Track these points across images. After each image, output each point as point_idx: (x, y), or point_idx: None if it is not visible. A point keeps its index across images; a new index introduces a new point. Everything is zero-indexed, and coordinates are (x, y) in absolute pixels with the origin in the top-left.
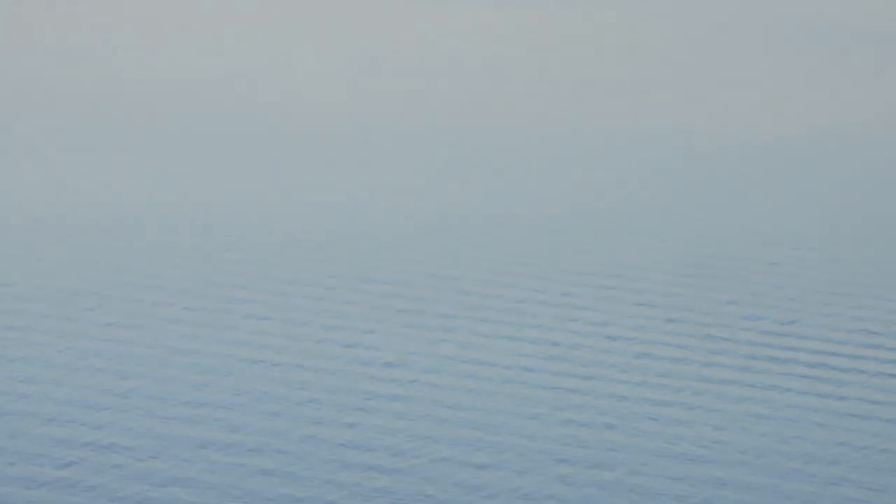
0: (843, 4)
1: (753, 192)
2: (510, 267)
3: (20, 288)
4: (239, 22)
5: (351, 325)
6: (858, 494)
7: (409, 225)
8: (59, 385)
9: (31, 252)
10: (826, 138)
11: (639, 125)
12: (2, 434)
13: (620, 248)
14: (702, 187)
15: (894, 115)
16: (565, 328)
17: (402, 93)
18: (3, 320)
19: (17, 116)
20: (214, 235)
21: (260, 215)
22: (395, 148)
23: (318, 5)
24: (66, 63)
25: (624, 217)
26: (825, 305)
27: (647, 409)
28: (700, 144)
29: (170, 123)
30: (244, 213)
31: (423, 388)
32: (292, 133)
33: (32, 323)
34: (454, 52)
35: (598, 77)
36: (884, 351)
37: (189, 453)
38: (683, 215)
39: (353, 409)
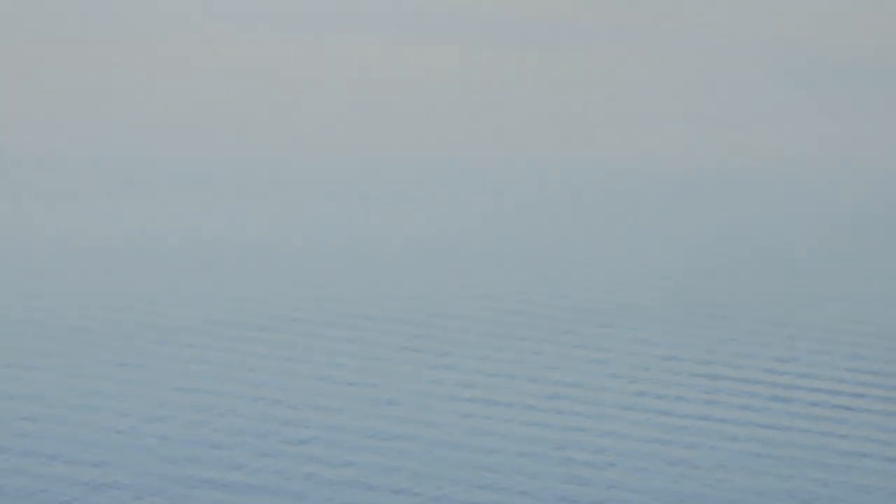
0: (820, 37)
1: (753, 223)
2: (511, 304)
3: (20, 325)
4: (231, 60)
5: (351, 363)
6: None
7: (408, 262)
8: (59, 423)
9: (30, 289)
10: (821, 170)
11: (634, 157)
12: (2, 472)
13: (621, 286)
14: (703, 220)
15: (881, 147)
16: (566, 366)
17: (398, 129)
18: (2, 357)
19: (18, 150)
20: (214, 273)
21: (259, 252)
22: (395, 183)
23: (315, 40)
24: (70, 96)
25: (624, 253)
26: (826, 343)
27: (647, 447)
28: (698, 177)
29: (168, 161)
30: (243, 250)
31: (423, 427)
32: (288, 170)
33: (32, 360)
34: (449, 90)
35: (596, 110)
36: (884, 389)
37: (189, 491)
38: (684, 250)
39: (353, 447)
